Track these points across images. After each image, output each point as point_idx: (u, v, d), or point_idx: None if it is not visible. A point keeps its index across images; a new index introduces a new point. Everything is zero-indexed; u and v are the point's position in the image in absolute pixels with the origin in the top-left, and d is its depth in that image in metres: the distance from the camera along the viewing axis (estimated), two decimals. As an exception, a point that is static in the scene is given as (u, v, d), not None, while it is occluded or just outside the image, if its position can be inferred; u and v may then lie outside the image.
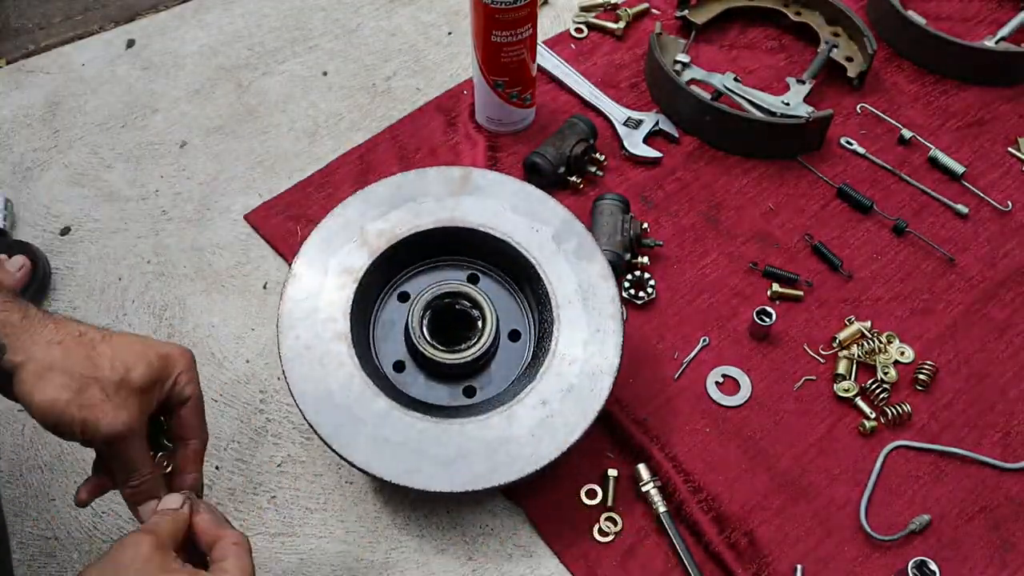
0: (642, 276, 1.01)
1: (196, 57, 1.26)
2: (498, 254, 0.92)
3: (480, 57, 1.07)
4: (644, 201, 1.09)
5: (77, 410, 0.61)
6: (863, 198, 1.09)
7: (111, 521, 0.87)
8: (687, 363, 0.97)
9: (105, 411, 0.62)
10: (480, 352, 0.87)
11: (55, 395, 0.61)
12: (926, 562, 0.83)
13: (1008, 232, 1.08)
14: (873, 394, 0.94)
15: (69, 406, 0.61)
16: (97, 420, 0.62)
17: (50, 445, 0.92)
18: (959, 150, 1.15)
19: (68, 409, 0.61)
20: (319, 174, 1.12)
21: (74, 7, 1.35)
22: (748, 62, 1.24)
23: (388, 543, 0.87)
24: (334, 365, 0.83)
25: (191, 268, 1.05)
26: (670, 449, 0.91)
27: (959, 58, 1.20)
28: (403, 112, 1.19)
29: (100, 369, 0.63)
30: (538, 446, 0.81)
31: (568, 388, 0.84)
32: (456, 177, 0.94)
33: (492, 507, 0.89)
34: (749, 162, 1.14)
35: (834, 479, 0.90)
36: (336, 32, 1.29)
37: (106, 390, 0.63)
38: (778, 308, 1.00)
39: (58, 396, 0.61)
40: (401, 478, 0.79)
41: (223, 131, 1.17)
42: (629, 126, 1.15)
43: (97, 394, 0.62)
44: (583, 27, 1.28)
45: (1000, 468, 0.90)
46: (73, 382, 0.62)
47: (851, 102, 1.20)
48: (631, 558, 0.85)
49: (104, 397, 0.62)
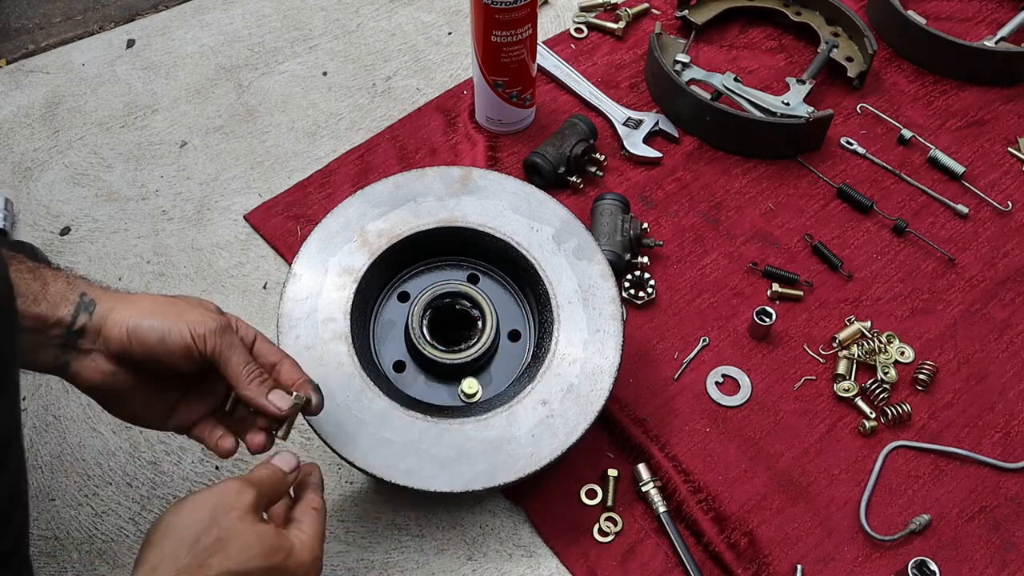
0: (642, 276, 1.01)
1: (196, 57, 1.26)
2: (498, 254, 0.92)
3: (480, 57, 1.07)
4: (644, 201, 1.09)
5: (178, 317, 0.68)
6: (863, 198, 1.09)
7: (111, 521, 0.87)
8: (687, 363, 0.97)
9: (202, 314, 0.69)
10: (480, 352, 0.87)
11: (153, 314, 0.68)
12: (926, 562, 0.83)
13: (1008, 232, 1.08)
14: (873, 394, 0.94)
15: (168, 316, 0.68)
16: (201, 317, 0.69)
17: (50, 445, 0.92)
18: (959, 150, 1.15)
19: (169, 318, 0.68)
20: (319, 174, 1.12)
21: (74, 7, 1.35)
22: (748, 62, 1.24)
23: (388, 543, 0.87)
24: (334, 365, 0.83)
25: (191, 268, 1.05)
26: (670, 449, 0.91)
27: (959, 58, 1.20)
28: (403, 112, 1.19)
29: (178, 300, 0.71)
30: (538, 446, 0.81)
31: (568, 388, 0.84)
32: (456, 177, 0.94)
33: (492, 507, 0.89)
34: (749, 162, 1.14)
35: (834, 479, 0.90)
36: (336, 32, 1.29)
37: (192, 305, 0.70)
38: (778, 308, 1.00)
39: (156, 313, 0.68)
40: (401, 478, 0.79)
41: (223, 131, 1.17)
42: (629, 126, 1.15)
43: (189, 307, 0.70)
44: (583, 27, 1.28)
45: (1000, 468, 0.90)
46: (164, 304, 0.69)
47: (851, 102, 1.20)
48: (631, 558, 0.85)
49: (195, 306, 0.70)
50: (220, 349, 0.69)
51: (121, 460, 0.91)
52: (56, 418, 0.93)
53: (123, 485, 0.89)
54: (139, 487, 0.89)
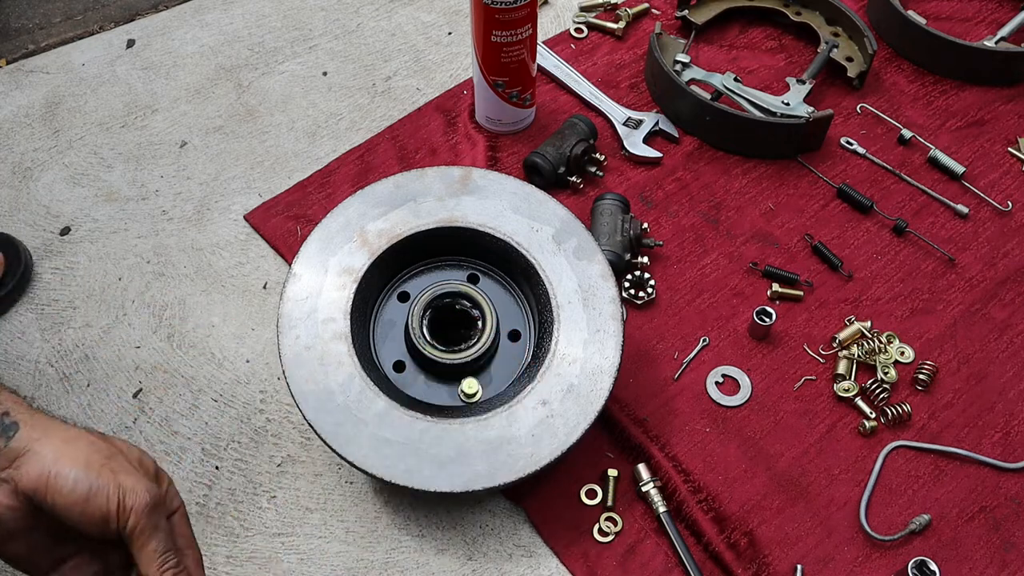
0: (642, 276, 1.01)
1: (196, 57, 1.26)
2: (498, 254, 0.92)
3: (480, 57, 1.07)
4: (644, 201, 1.09)
5: (111, 477, 0.58)
6: (863, 198, 1.09)
7: (111, 521, 0.87)
8: (687, 363, 0.97)
9: (137, 480, 0.60)
10: (480, 352, 0.87)
11: (83, 464, 0.58)
12: (926, 562, 0.83)
13: (1008, 232, 1.08)
14: (873, 394, 0.94)
15: (104, 469, 0.58)
16: (135, 486, 0.59)
17: (50, 445, 0.92)
18: (959, 150, 1.15)
19: (103, 472, 0.58)
20: (319, 174, 1.12)
21: (74, 7, 1.35)
22: (748, 62, 1.24)
23: (388, 543, 0.87)
24: (334, 365, 0.83)
25: (191, 268, 1.05)
26: (670, 449, 0.91)
27: (959, 58, 1.20)
28: (403, 112, 1.19)
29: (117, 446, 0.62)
30: (538, 446, 0.81)
31: (568, 388, 0.84)
32: (456, 177, 0.94)
33: (492, 507, 0.89)
34: (749, 162, 1.14)
35: (834, 479, 0.90)
36: (336, 32, 1.29)
37: (131, 462, 0.61)
38: (778, 308, 1.00)
39: (91, 458, 0.59)
40: (401, 478, 0.79)
41: (223, 131, 1.18)
42: (629, 126, 1.15)
43: (125, 467, 0.60)
44: (583, 27, 1.28)
45: (1000, 468, 0.90)
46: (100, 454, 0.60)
47: (851, 102, 1.20)
48: (631, 558, 0.85)
49: (132, 467, 0.61)
50: (142, 529, 0.59)
51: (121, 460, 0.91)
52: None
53: (123, 485, 0.89)
54: (139, 487, 0.89)
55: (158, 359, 0.98)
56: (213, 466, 0.91)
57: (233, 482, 0.90)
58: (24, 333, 0.99)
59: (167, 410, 0.94)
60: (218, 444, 0.92)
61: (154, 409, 0.94)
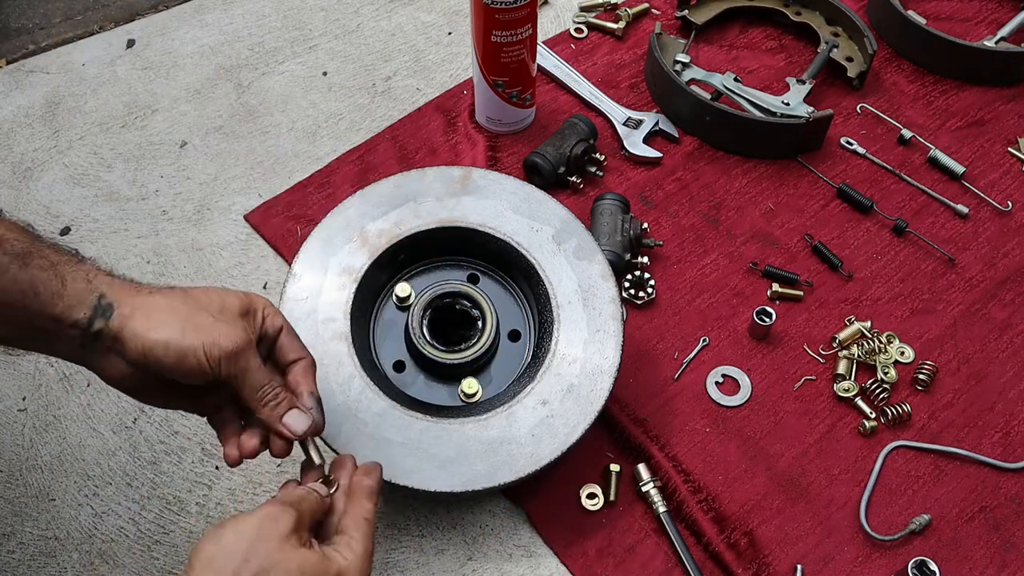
0: (642, 276, 1.01)
1: (196, 57, 1.26)
2: (498, 254, 0.92)
3: (480, 57, 1.07)
4: (644, 201, 1.09)
5: (195, 336, 0.65)
6: (863, 198, 1.09)
7: (111, 521, 0.87)
8: (687, 363, 0.97)
9: (220, 330, 0.66)
10: (480, 352, 0.87)
11: (170, 331, 0.65)
12: (926, 562, 0.83)
13: (1008, 232, 1.08)
14: (873, 394, 0.94)
15: (186, 334, 0.65)
16: (216, 338, 0.66)
17: (50, 445, 0.92)
18: (959, 150, 1.15)
19: (186, 338, 0.65)
20: (319, 174, 1.12)
21: (74, 7, 1.35)
22: (748, 62, 1.24)
23: (388, 543, 0.87)
24: (334, 365, 0.83)
25: (191, 268, 1.05)
26: (670, 449, 0.91)
27: (959, 58, 1.20)
28: (403, 112, 1.19)
29: (200, 303, 0.68)
30: (538, 446, 0.81)
31: (568, 388, 0.84)
32: (456, 177, 0.94)
33: (492, 507, 0.89)
34: (749, 162, 1.14)
35: (834, 479, 0.90)
36: (336, 32, 1.29)
37: (213, 316, 0.67)
38: (778, 308, 1.00)
39: (173, 330, 0.65)
40: (401, 478, 0.79)
41: (223, 131, 1.18)
42: (629, 126, 1.15)
43: (207, 319, 0.67)
44: (583, 27, 1.28)
45: (1000, 468, 0.90)
46: (182, 317, 0.66)
47: (851, 102, 1.20)
48: (631, 558, 0.85)
49: (214, 320, 0.67)
50: (234, 374, 0.67)
51: (121, 460, 0.91)
52: (56, 418, 0.93)
53: (123, 485, 0.89)
54: (139, 487, 0.89)
55: (158, 359, 0.97)
56: (213, 466, 0.91)
57: (233, 482, 0.90)
58: (24, 333, 0.99)
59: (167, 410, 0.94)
60: (218, 444, 0.91)
61: (154, 409, 0.94)
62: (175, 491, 0.89)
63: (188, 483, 0.89)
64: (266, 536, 0.60)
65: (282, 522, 0.61)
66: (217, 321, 0.67)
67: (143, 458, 0.91)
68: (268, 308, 0.72)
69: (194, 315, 0.67)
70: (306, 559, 0.61)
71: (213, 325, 0.66)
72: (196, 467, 0.90)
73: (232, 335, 0.67)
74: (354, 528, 0.65)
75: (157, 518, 0.87)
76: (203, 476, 0.90)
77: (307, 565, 0.60)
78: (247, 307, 0.70)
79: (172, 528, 0.87)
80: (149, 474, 0.90)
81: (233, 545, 0.59)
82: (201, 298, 0.68)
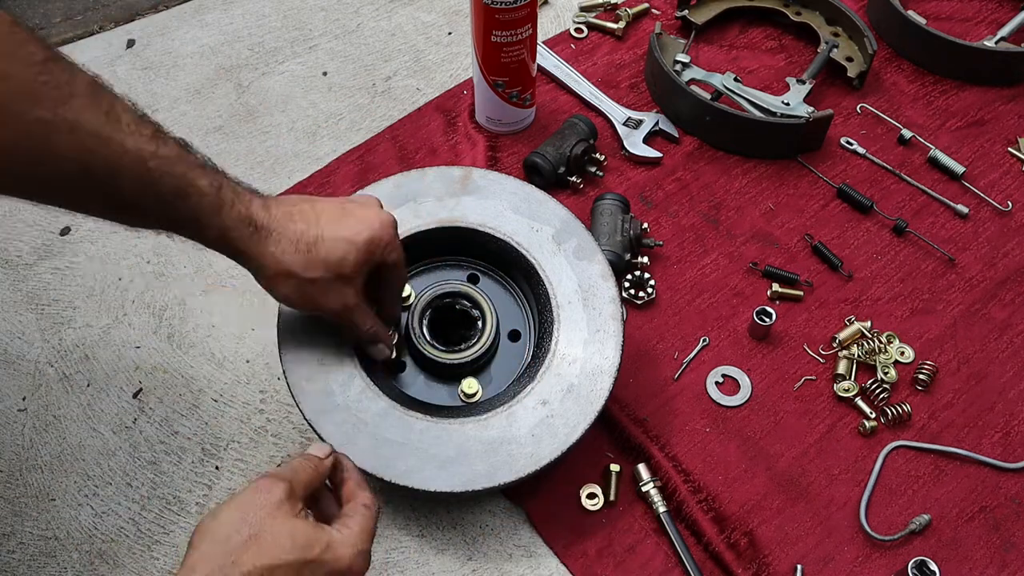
0: (642, 276, 1.01)
1: (196, 57, 1.26)
2: (498, 254, 0.92)
3: (480, 57, 1.07)
4: (644, 201, 1.09)
5: (307, 301, 0.77)
6: (863, 198, 1.09)
7: (111, 521, 0.87)
8: (687, 363, 0.97)
9: (327, 298, 0.77)
10: (480, 352, 0.87)
11: (287, 293, 0.76)
12: (926, 562, 0.83)
13: (1008, 232, 1.08)
14: (873, 394, 0.94)
15: (301, 298, 0.77)
16: (324, 304, 0.77)
17: (50, 445, 0.92)
18: (959, 150, 1.15)
19: (300, 301, 0.77)
20: (319, 174, 1.12)
21: (74, 7, 1.35)
22: (748, 62, 1.24)
23: (388, 543, 0.87)
24: (334, 365, 0.83)
25: (191, 268, 1.05)
26: (670, 449, 0.91)
27: (959, 58, 1.20)
28: (403, 112, 1.19)
29: (317, 270, 0.75)
30: (538, 446, 0.81)
31: (568, 388, 0.84)
32: (456, 177, 0.94)
33: (492, 507, 0.89)
34: (749, 162, 1.14)
35: (834, 479, 0.90)
36: (336, 32, 1.29)
37: (325, 285, 0.76)
38: (778, 308, 1.00)
39: (289, 294, 0.76)
40: (401, 478, 0.79)
41: (223, 131, 1.17)
42: (629, 126, 1.15)
43: (318, 290, 0.76)
44: (583, 27, 1.28)
45: (1000, 468, 0.90)
46: (299, 283, 0.75)
47: (851, 102, 1.20)
48: (631, 558, 0.85)
49: (325, 290, 0.76)
50: None
51: (121, 460, 0.91)
52: (56, 418, 0.93)
53: (123, 485, 0.89)
54: (139, 487, 0.89)
55: (158, 359, 0.98)
56: (213, 466, 0.91)
57: (233, 482, 0.90)
58: (24, 333, 0.99)
59: (167, 410, 0.94)
60: (218, 444, 0.92)
61: (154, 409, 0.94)
62: (175, 491, 0.89)
63: (188, 483, 0.89)
64: (257, 505, 0.63)
65: (273, 492, 0.63)
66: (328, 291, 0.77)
67: (143, 458, 0.91)
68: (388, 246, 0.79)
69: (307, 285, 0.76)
70: (297, 527, 0.63)
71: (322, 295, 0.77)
72: (196, 467, 0.90)
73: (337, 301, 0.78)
74: (352, 511, 0.68)
75: (157, 518, 0.87)
76: (203, 476, 0.90)
77: (298, 532, 0.62)
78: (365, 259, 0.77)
79: (172, 528, 0.87)
80: (149, 474, 0.90)
81: (227, 516, 0.62)
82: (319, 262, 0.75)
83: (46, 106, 0.61)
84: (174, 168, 0.68)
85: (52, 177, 0.64)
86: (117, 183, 0.65)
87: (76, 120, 0.62)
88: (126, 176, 0.65)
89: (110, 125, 0.64)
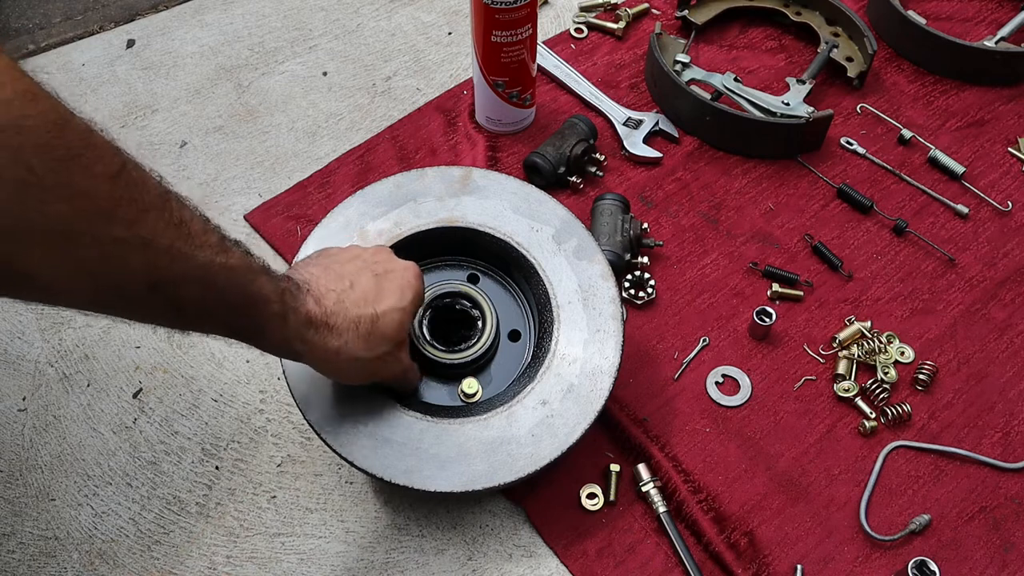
0: (642, 276, 1.01)
1: (196, 57, 1.26)
2: (498, 254, 0.92)
3: (480, 57, 1.07)
4: (644, 201, 1.09)
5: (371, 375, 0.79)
6: (863, 198, 1.09)
7: (111, 521, 0.87)
8: (687, 363, 0.97)
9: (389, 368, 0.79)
10: (480, 352, 0.87)
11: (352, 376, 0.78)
12: (926, 562, 0.83)
13: (1008, 232, 1.08)
14: (873, 394, 0.94)
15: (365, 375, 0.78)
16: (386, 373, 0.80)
17: (50, 445, 0.92)
18: (959, 150, 1.15)
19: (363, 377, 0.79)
20: (319, 174, 1.12)
21: (74, 7, 1.35)
22: (748, 62, 1.24)
23: (388, 543, 0.87)
24: (334, 365, 0.83)
25: (191, 268, 1.05)
26: (670, 449, 0.91)
27: (959, 58, 1.20)
28: (403, 112, 1.19)
29: (380, 347, 0.76)
30: (538, 446, 0.81)
31: (568, 388, 0.84)
32: (456, 177, 0.94)
33: (492, 507, 0.89)
34: (749, 162, 1.14)
35: (834, 479, 0.90)
36: (336, 32, 1.29)
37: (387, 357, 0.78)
38: (778, 308, 1.00)
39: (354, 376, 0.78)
40: (401, 478, 0.79)
41: (223, 131, 1.18)
42: (629, 126, 1.15)
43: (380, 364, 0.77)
44: (583, 27, 1.28)
45: (1000, 468, 0.91)
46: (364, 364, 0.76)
47: (851, 102, 1.20)
48: (631, 558, 0.85)
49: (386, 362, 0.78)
50: None
51: (121, 460, 0.91)
52: (56, 418, 0.93)
53: (123, 485, 0.89)
54: (139, 487, 0.89)
55: (158, 359, 0.98)
56: (213, 466, 0.91)
57: (233, 482, 0.90)
58: (24, 333, 0.99)
59: (167, 410, 0.94)
60: (218, 444, 0.92)
61: (154, 409, 0.94)
62: (175, 491, 0.89)
63: (188, 483, 0.89)
64: None
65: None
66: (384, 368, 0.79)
67: (143, 458, 0.91)
68: None
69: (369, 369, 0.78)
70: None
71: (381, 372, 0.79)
72: (196, 467, 0.90)
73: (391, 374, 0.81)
74: None
75: (157, 518, 0.87)
76: (203, 476, 0.90)
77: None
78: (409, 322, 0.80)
79: (172, 528, 0.87)
80: (149, 474, 0.90)
81: None
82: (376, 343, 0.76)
83: (122, 224, 0.55)
84: (242, 278, 0.65)
85: (120, 295, 0.59)
86: (182, 297, 0.62)
87: (150, 237, 0.57)
88: (193, 289, 0.62)
89: (181, 239, 0.59)
